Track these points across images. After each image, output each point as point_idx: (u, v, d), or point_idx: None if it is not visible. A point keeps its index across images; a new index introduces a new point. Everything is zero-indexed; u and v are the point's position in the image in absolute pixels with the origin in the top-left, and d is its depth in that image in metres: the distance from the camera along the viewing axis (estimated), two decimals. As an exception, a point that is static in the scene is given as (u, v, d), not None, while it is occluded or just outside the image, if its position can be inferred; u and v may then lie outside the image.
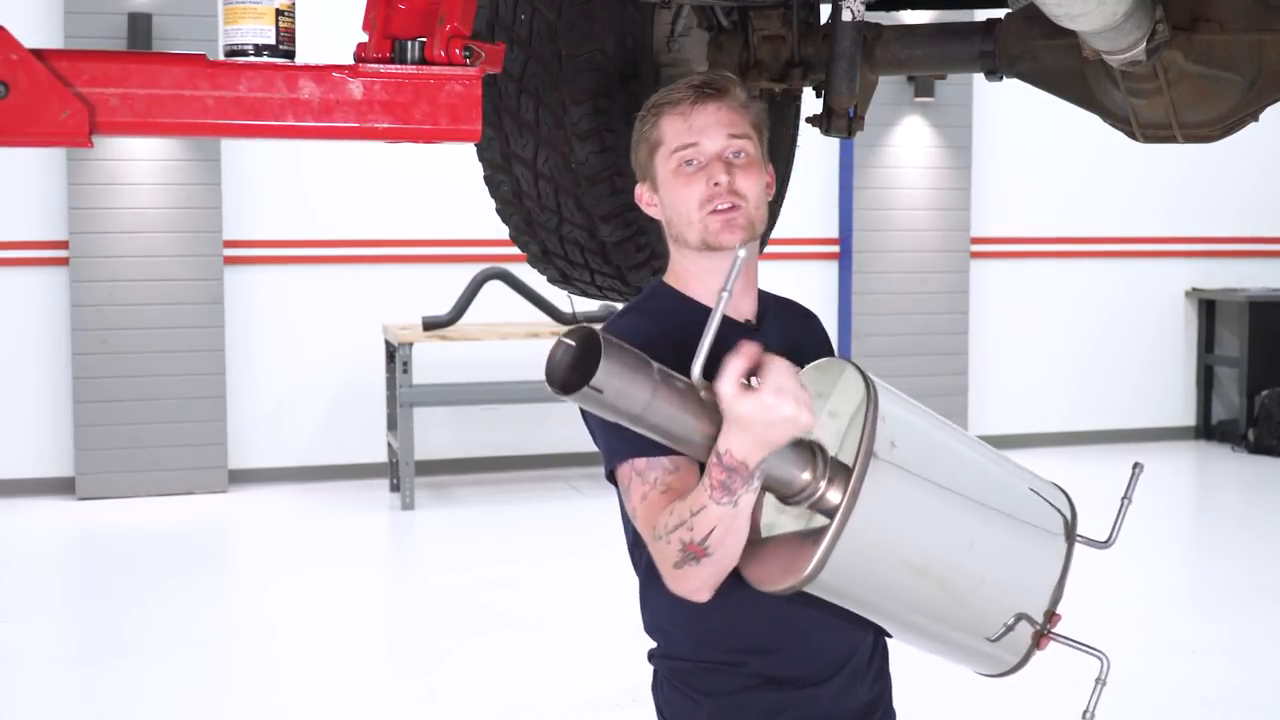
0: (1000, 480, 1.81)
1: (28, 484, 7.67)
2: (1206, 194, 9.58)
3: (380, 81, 1.51)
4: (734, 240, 1.86)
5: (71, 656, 5.11)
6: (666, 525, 1.68)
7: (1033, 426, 9.38)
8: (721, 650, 1.86)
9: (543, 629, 5.29)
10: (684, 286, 1.94)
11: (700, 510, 1.63)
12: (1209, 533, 7.56)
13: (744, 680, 1.86)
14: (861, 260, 8.86)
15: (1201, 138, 2.79)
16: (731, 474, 1.58)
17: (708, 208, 1.86)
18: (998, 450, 1.86)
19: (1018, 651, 1.81)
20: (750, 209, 1.88)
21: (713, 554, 1.64)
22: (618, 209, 2.89)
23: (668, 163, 1.90)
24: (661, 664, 1.95)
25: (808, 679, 1.86)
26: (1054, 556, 1.80)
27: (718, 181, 1.85)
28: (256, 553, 6.92)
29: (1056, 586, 1.80)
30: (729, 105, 1.89)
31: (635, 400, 1.51)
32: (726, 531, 1.63)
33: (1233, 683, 4.72)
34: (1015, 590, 1.77)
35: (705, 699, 1.87)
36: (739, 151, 1.88)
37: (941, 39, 2.97)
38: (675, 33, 3.00)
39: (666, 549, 1.68)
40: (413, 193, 8.03)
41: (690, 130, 1.88)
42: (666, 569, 1.70)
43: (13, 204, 7.58)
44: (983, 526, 1.74)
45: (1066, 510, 1.86)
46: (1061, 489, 1.90)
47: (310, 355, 8.07)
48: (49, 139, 1.42)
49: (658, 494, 1.75)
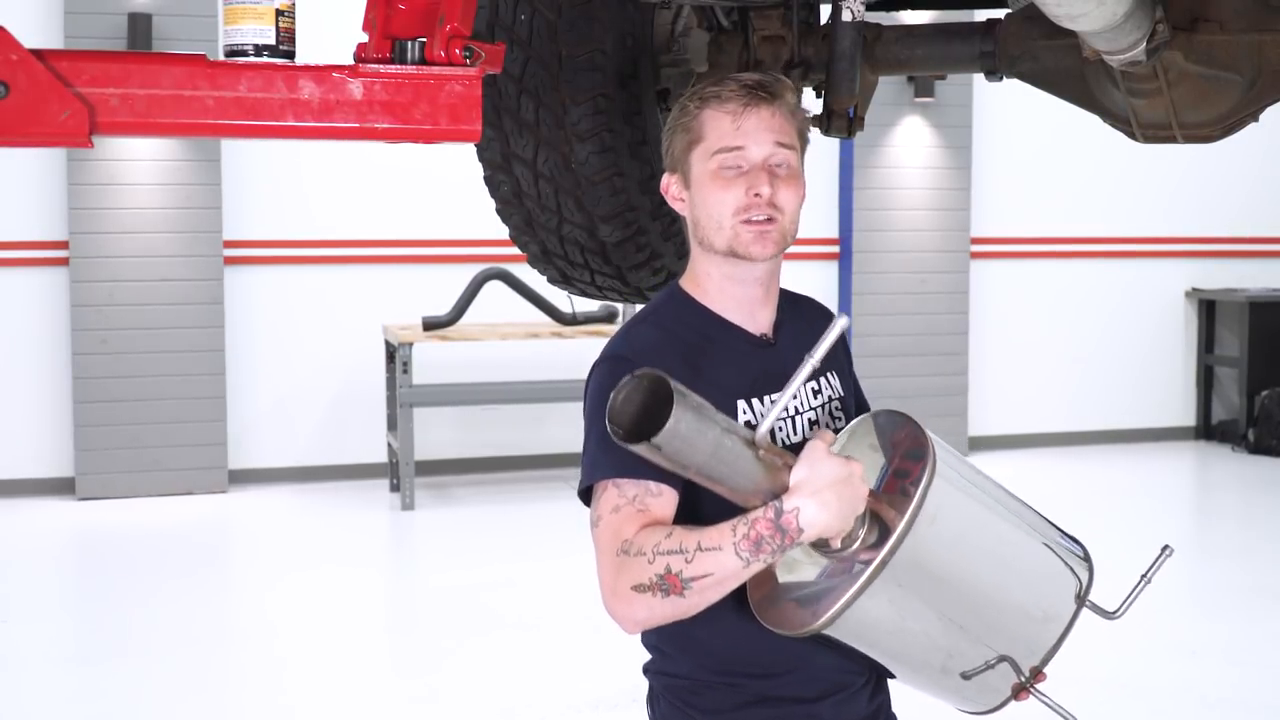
0: (1025, 551, 1.82)
1: (28, 484, 7.67)
2: (1206, 194, 9.58)
3: (380, 82, 1.51)
4: (765, 253, 1.80)
5: (72, 657, 5.11)
6: (656, 545, 1.61)
7: (1033, 427, 9.38)
8: (719, 672, 1.82)
9: (543, 629, 5.29)
10: (702, 294, 1.87)
11: (711, 550, 1.58)
12: (1209, 533, 7.55)
13: (742, 698, 1.82)
14: (861, 260, 8.86)
15: (1201, 138, 2.78)
16: (777, 534, 1.56)
17: (743, 216, 1.78)
18: (1028, 507, 1.87)
19: (996, 695, 1.82)
20: (786, 223, 1.80)
21: (687, 599, 1.60)
22: (618, 209, 2.89)
23: (706, 162, 1.81)
24: (657, 680, 1.90)
25: (806, 698, 1.83)
26: (1058, 620, 1.82)
27: (759, 192, 1.77)
28: (257, 553, 6.92)
29: (1052, 647, 1.82)
30: (780, 111, 1.81)
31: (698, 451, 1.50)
32: (718, 584, 1.59)
33: (1232, 683, 4.72)
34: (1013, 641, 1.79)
35: (703, 716, 1.83)
36: (783, 162, 1.80)
37: (941, 39, 2.97)
38: (675, 33, 3.00)
39: (636, 567, 1.61)
40: (413, 193, 8.03)
41: (738, 133, 1.78)
42: (620, 586, 1.63)
43: (13, 204, 7.58)
44: (998, 601, 1.77)
45: (1084, 575, 1.87)
46: (1085, 552, 1.92)
47: (310, 355, 8.07)
48: (49, 139, 1.41)
49: (633, 510, 1.68)
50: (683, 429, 1.46)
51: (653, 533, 1.64)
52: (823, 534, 1.60)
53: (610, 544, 1.67)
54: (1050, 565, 1.83)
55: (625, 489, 1.70)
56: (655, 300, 1.93)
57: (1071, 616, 1.83)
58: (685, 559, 1.59)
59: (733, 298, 1.86)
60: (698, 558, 1.58)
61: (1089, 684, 4.54)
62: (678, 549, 1.59)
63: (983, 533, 1.76)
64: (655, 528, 1.65)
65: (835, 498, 1.57)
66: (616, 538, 1.67)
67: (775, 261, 1.85)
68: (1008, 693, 1.81)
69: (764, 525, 1.56)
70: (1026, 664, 1.79)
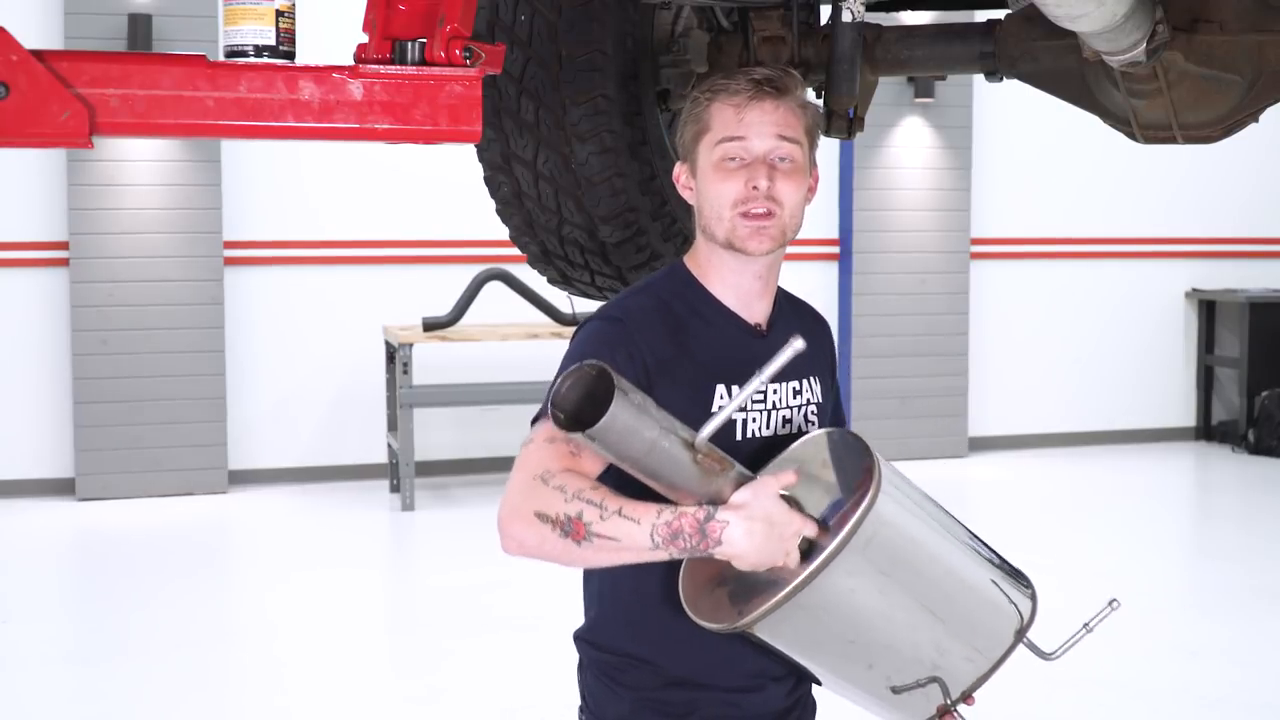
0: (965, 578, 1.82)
1: (28, 485, 7.67)
2: (1206, 194, 9.58)
3: (380, 82, 1.51)
4: (760, 248, 1.82)
5: (72, 657, 5.11)
6: (579, 489, 1.63)
7: (1033, 427, 9.38)
8: (648, 647, 1.86)
9: (543, 629, 5.29)
10: (702, 275, 1.90)
11: (629, 519, 1.60)
12: (1209, 534, 7.55)
13: (665, 678, 1.85)
14: (861, 260, 8.86)
15: (1202, 139, 2.78)
16: (697, 535, 1.59)
17: (741, 208, 1.81)
18: (975, 541, 1.87)
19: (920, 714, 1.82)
20: (785, 217, 1.83)
21: (582, 549, 1.62)
22: (618, 210, 2.89)
23: (711, 152, 1.84)
24: (586, 651, 1.95)
25: (729, 686, 1.86)
26: (994, 650, 1.82)
27: (756, 185, 1.80)
28: (257, 554, 6.92)
29: (983, 676, 1.81)
30: (787, 105, 1.83)
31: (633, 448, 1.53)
32: (616, 552, 1.62)
33: (1232, 683, 4.72)
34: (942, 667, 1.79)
35: (627, 691, 1.88)
36: (785, 156, 1.83)
37: (941, 40, 2.97)
38: (675, 33, 3.00)
39: (549, 497, 1.63)
40: (413, 193, 8.04)
41: (741, 124, 1.82)
42: (524, 507, 1.65)
43: (13, 204, 7.59)
44: (928, 624, 1.77)
45: (1026, 611, 1.86)
46: (1030, 588, 1.91)
47: (310, 356, 8.07)
48: (49, 140, 1.41)
49: (565, 450, 1.69)
50: (619, 424, 1.49)
51: (579, 478, 1.66)
52: (735, 559, 1.62)
53: (533, 467, 1.68)
54: (991, 597, 1.83)
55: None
56: (658, 273, 1.97)
57: (1006, 650, 1.82)
58: (600, 514, 1.61)
59: (731, 286, 1.90)
60: (613, 520, 1.60)
61: (1089, 684, 4.54)
62: (598, 503, 1.61)
63: (919, 559, 1.76)
64: (580, 475, 1.67)
65: (763, 534, 1.60)
66: (540, 465, 1.68)
67: (774, 255, 1.87)
68: (932, 712, 1.81)
69: (689, 522, 1.59)
70: (956, 688, 1.79)
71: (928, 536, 1.78)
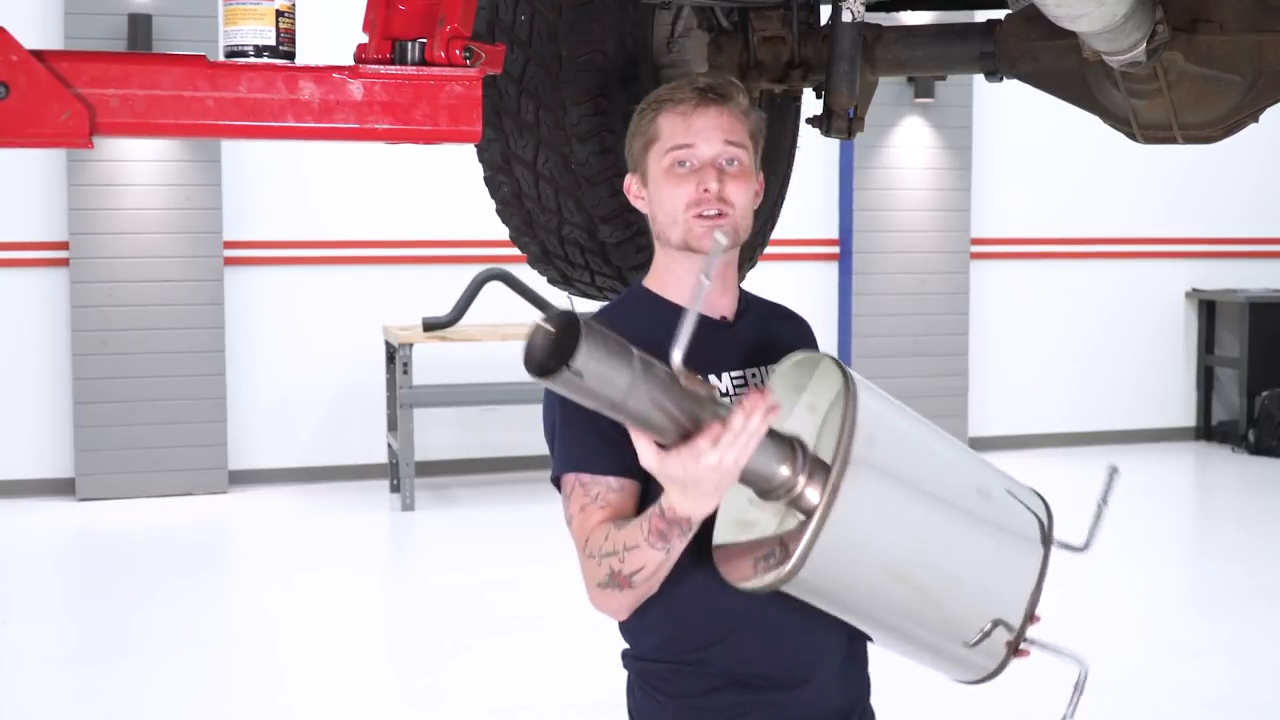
0: (979, 483, 1.81)
1: (28, 485, 7.66)
2: (1206, 194, 9.58)
3: (380, 82, 1.51)
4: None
5: (72, 657, 5.11)
6: (600, 548, 1.75)
7: (1033, 427, 9.38)
8: (687, 647, 1.85)
9: (543, 630, 5.29)
10: (663, 288, 1.95)
11: (633, 548, 1.69)
12: (1209, 534, 7.56)
13: (710, 682, 1.85)
14: (861, 260, 8.86)
15: (1202, 139, 2.79)
16: (672, 526, 1.65)
17: (694, 210, 1.87)
18: (975, 453, 1.87)
19: (995, 658, 1.81)
20: (736, 217, 1.88)
21: (636, 587, 1.73)
22: (618, 210, 2.89)
23: (661, 160, 1.89)
24: (632, 665, 1.95)
25: (774, 682, 1.85)
26: (1031, 561, 1.81)
27: (707, 188, 1.86)
28: (257, 554, 6.92)
29: (1034, 592, 1.80)
30: (730, 112, 1.89)
31: (615, 386, 1.47)
32: (655, 570, 1.71)
33: (1232, 683, 4.71)
34: (993, 594, 1.77)
35: (670, 700, 1.87)
36: (732, 159, 1.88)
37: (941, 40, 2.97)
38: (675, 34, 3.00)
39: (595, 568, 1.76)
40: (413, 193, 8.03)
41: (688, 131, 1.88)
42: (590, 586, 1.78)
43: (13, 204, 7.58)
44: (960, 529, 1.75)
45: (1043, 515, 1.86)
46: (1039, 494, 1.90)
47: (310, 356, 8.07)
48: (49, 140, 1.41)
49: (597, 509, 1.80)
50: (597, 353, 1.45)
51: (599, 534, 1.76)
52: (706, 514, 1.64)
53: (580, 546, 1.81)
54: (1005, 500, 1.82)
55: (589, 487, 1.82)
56: (615, 299, 2.04)
57: (1043, 558, 1.81)
58: (619, 559, 1.72)
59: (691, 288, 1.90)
60: (627, 556, 1.71)
61: (1089, 684, 4.53)
62: (613, 550, 1.73)
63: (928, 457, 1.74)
64: (601, 529, 1.77)
65: (698, 489, 1.59)
66: (582, 536, 1.80)
67: (730, 254, 1.94)
68: (1003, 652, 1.79)
69: (658, 520, 1.66)
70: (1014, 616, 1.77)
71: (926, 436, 1.77)
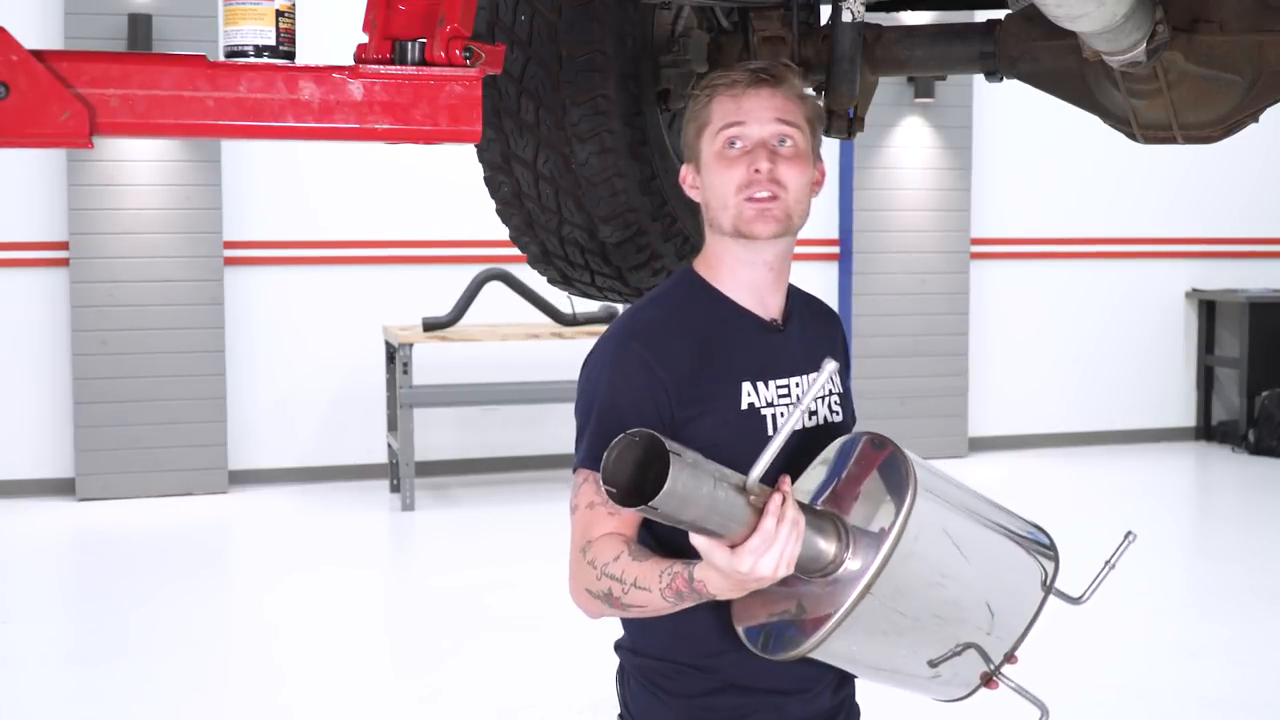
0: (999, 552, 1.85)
1: (28, 485, 7.66)
2: (1206, 194, 9.58)
3: (380, 82, 1.51)
4: (766, 231, 1.83)
5: (72, 657, 5.11)
6: (604, 565, 1.70)
7: (1033, 427, 9.38)
8: (694, 654, 1.85)
9: (543, 630, 5.29)
10: (714, 276, 1.90)
11: (643, 589, 1.66)
12: (1209, 534, 7.55)
13: (713, 684, 1.84)
14: (861, 260, 8.86)
15: (1202, 139, 2.78)
16: (693, 593, 1.63)
17: (745, 193, 1.82)
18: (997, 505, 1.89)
19: (967, 686, 1.84)
20: (789, 201, 1.84)
21: (626, 611, 1.72)
22: (618, 210, 2.89)
23: (712, 143, 1.85)
24: (629, 658, 1.93)
25: (780, 689, 1.85)
26: (1026, 606, 1.85)
27: (759, 168, 1.81)
28: (257, 554, 6.92)
29: (1021, 635, 1.84)
30: (784, 93, 1.85)
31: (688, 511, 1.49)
32: (653, 613, 1.69)
33: (1232, 683, 4.72)
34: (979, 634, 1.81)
35: (674, 700, 1.86)
36: (786, 138, 1.84)
37: (942, 40, 2.97)
38: (675, 33, 3.00)
39: (591, 577, 1.71)
40: (413, 193, 8.03)
41: (740, 110, 1.83)
42: (577, 585, 1.75)
43: (13, 205, 7.58)
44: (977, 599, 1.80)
45: (1050, 566, 1.89)
46: (1048, 537, 1.93)
47: (310, 356, 8.07)
48: (49, 140, 1.41)
49: (606, 512, 1.74)
50: (679, 488, 1.45)
51: (608, 548, 1.71)
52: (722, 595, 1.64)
53: (578, 539, 1.76)
54: (1020, 559, 1.87)
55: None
56: (667, 282, 1.97)
57: (1039, 604, 1.85)
58: (623, 588, 1.68)
59: (743, 281, 1.90)
60: (632, 591, 1.68)
61: (1090, 684, 4.54)
62: (619, 577, 1.69)
63: (961, 543, 1.77)
64: (611, 542, 1.72)
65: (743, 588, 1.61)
66: (584, 535, 1.75)
67: (783, 244, 1.89)
68: (977, 681, 1.83)
69: (681, 583, 1.64)
70: (997, 652, 1.81)
71: (961, 511, 1.80)
